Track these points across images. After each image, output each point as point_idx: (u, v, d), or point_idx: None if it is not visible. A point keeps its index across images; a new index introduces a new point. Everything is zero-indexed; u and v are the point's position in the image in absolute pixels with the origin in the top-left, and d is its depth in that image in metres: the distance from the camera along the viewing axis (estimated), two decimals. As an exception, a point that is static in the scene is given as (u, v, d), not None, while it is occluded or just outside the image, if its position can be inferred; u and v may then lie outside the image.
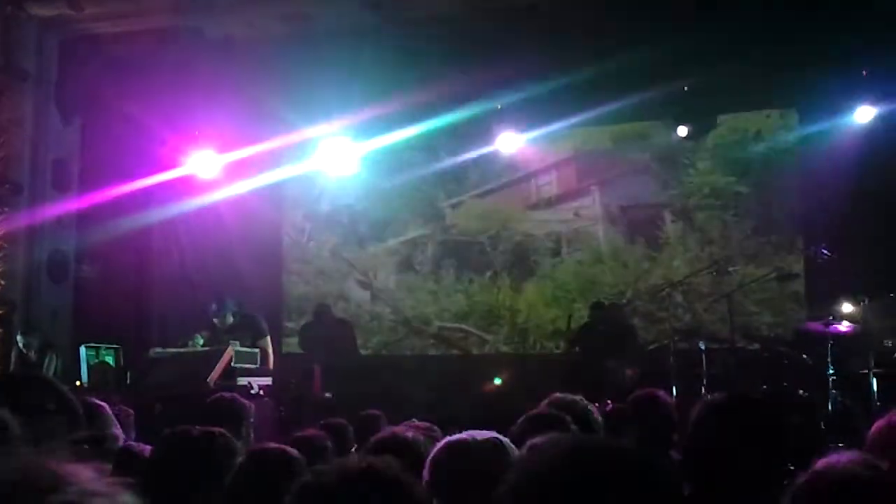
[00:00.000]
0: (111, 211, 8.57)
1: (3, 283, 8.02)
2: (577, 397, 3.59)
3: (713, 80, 8.19)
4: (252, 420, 4.25)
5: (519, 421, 3.10)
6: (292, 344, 9.96)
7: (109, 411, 3.27)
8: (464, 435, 2.36)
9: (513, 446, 2.37)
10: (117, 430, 3.31)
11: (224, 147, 9.51)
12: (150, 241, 9.69)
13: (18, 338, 7.43)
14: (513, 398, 7.95)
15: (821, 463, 1.78)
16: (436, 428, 3.75)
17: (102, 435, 3.17)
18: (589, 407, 3.50)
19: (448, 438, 2.39)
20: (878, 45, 7.58)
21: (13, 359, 7.50)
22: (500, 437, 2.39)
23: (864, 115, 8.34)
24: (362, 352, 9.93)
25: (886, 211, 8.17)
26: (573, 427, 3.01)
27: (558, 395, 3.64)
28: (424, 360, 10.07)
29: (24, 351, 7.34)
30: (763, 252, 9.24)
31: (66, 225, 8.56)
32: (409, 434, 2.90)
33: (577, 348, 8.49)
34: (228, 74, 8.79)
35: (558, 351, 9.54)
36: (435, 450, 2.36)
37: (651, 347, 8.68)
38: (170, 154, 9.29)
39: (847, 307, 7.28)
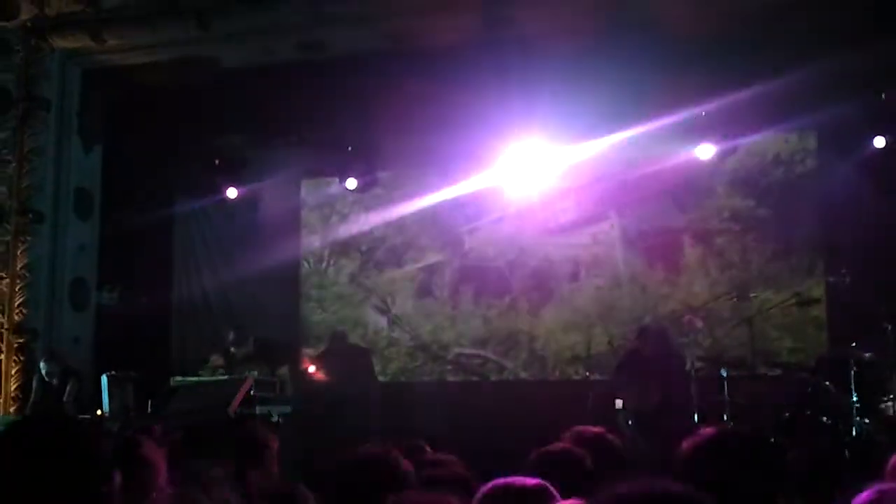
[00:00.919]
0: (132, 238, 8.64)
1: (25, 311, 8.08)
2: (600, 430, 3.49)
3: (732, 105, 8.19)
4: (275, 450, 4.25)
5: (530, 458, 3.03)
6: (311, 370, 9.95)
7: (152, 455, 3.14)
8: (510, 480, 2.33)
9: (556, 493, 2.33)
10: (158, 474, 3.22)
11: (243, 174, 9.60)
12: (169, 268, 9.75)
13: (41, 365, 7.48)
14: (533, 426, 7.88)
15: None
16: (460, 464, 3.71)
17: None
18: (614, 442, 3.41)
19: (494, 483, 2.35)
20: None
21: (34, 386, 7.54)
22: (547, 485, 2.35)
23: (882, 139, 8.30)
24: (380, 378, 9.91)
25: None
26: (590, 464, 2.93)
27: (580, 428, 3.54)
28: (442, 386, 10.03)
29: (46, 379, 7.39)
30: (783, 276, 9.18)
31: (87, 253, 8.63)
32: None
33: (623, 374, 8.25)
34: (244, 102, 8.89)
35: (577, 377, 9.48)
36: (480, 494, 2.33)
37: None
38: (191, 183, 9.37)
39: (869, 334, 7.21)
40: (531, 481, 2.35)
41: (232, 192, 9.89)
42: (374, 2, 8.19)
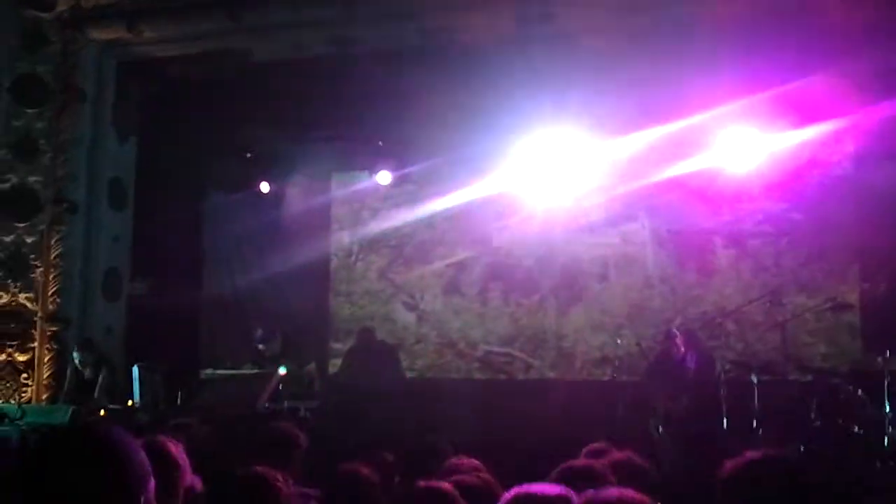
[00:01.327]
0: (165, 230, 8.71)
1: (58, 300, 8.17)
2: (630, 454, 3.42)
3: (767, 104, 8.07)
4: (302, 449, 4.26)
5: (553, 474, 3.01)
6: (337, 365, 10.00)
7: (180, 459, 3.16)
8: (532, 488, 2.32)
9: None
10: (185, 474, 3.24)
11: (274, 167, 9.63)
12: (201, 260, 9.82)
13: (74, 354, 7.56)
14: (559, 426, 7.86)
15: None
16: (483, 469, 3.70)
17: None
18: (637, 464, 3.33)
19: (516, 491, 2.34)
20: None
21: (68, 375, 7.63)
22: (571, 493, 2.34)
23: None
24: (407, 374, 9.92)
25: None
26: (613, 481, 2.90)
27: (600, 446, 3.47)
28: (469, 384, 10.02)
29: (80, 368, 7.47)
30: (817, 281, 9.05)
31: (121, 243, 8.70)
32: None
33: (653, 377, 8.18)
34: (276, 96, 8.91)
35: (605, 378, 9.42)
36: (503, 502, 2.32)
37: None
38: (223, 175, 9.42)
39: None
40: (554, 489, 2.34)
41: (263, 186, 9.94)
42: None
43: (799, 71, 7.52)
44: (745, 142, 8.72)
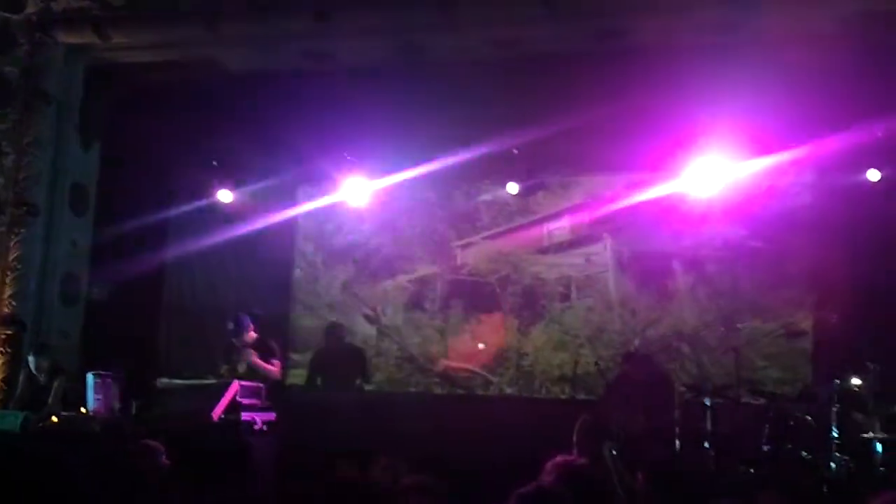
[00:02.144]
0: (125, 237, 8.65)
1: (14, 303, 8.06)
2: (585, 463, 3.44)
3: (728, 133, 8.24)
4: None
5: (511, 499, 3.00)
6: (296, 376, 9.98)
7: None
8: None
9: None
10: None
11: (240, 177, 9.62)
12: (162, 269, 9.75)
13: (30, 359, 7.43)
14: (516, 443, 7.90)
15: None
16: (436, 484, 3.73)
17: None
18: (598, 476, 3.35)
19: None
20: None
21: (21, 381, 7.51)
22: None
23: (876, 172, 8.37)
24: (366, 387, 9.90)
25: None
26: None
27: (564, 460, 3.49)
28: (428, 398, 10.05)
29: (35, 373, 7.36)
30: (772, 307, 9.22)
31: (80, 249, 8.63)
32: None
33: (611, 397, 8.23)
34: (248, 107, 8.91)
35: (563, 396, 9.51)
36: None
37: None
38: (188, 184, 9.38)
39: (854, 370, 7.25)
40: None
41: (228, 196, 9.91)
42: (387, 15, 8.22)
43: (759, 102, 7.69)
44: (708, 168, 8.88)
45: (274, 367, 7.56)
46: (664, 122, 8.24)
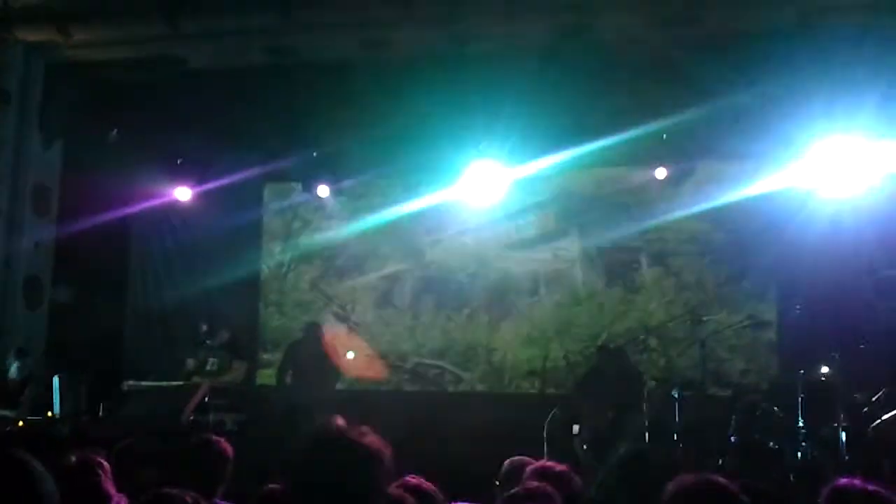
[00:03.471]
0: (89, 238, 8.52)
1: (-24, 307, 7.93)
2: (564, 468, 3.45)
3: (691, 127, 8.34)
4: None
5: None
6: (266, 376, 9.91)
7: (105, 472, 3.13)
8: None
9: None
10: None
11: (204, 176, 9.53)
12: (127, 269, 9.63)
13: (7, 362, 7.28)
14: (488, 438, 7.93)
15: None
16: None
17: None
18: (575, 479, 3.37)
19: None
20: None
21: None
22: None
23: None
24: (337, 386, 9.86)
25: (855, 266, 8.32)
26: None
27: (545, 464, 3.49)
28: (399, 395, 10.04)
29: (11, 376, 7.21)
30: (737, 299, 9.35)
31: (43, 250, 8.50)
32: None
33: (585, 393, 8.26)
34: (210, 104, 8.83)
35: (533, 391, 9.56)
36: None
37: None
38: (150, 182, 9.27)
39: (818, 359, 7.37)
40: None
41: (192, 194, 9.80)
42: (348, 10, 8.21)
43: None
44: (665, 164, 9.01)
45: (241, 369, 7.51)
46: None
